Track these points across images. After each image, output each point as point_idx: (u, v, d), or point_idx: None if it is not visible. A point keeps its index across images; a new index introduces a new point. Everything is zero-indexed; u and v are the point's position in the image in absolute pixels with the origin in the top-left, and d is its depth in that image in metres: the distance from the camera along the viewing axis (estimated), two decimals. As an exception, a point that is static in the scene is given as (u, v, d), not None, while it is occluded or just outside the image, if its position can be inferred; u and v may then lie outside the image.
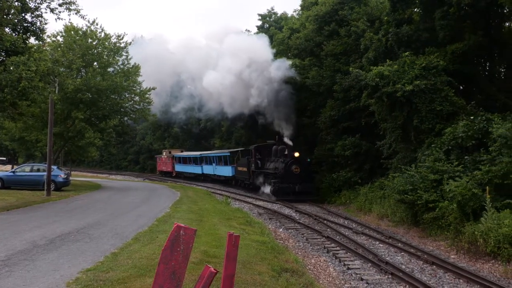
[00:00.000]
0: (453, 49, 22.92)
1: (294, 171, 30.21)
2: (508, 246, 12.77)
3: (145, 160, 75.16)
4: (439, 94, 21.53)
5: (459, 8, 22.35)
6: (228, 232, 6.01)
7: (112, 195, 26.23)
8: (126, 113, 34.91)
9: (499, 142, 16.25)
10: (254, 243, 12.37)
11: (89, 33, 31.68)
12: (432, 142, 20.71)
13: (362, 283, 11.19)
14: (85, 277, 7.80)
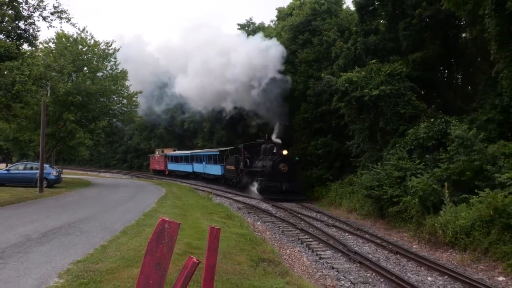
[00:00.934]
0: (415, 57, 23.26)
1: (281, 169, 27.75)
2: (464, 236, 12.98)
3: (132, 159, 74.77)
4: (402, 98, 21.81)
5: (420, 20, 22.69)
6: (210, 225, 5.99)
7: (101, 192, 25.94)
8: (115, 115, 34.63)
9: (457, 142, 16.50)
10: (234, 235, 12.38)
11: (80, 40, 31.37)
12: (396, 142, 20.94)
13: (333, 271, 11.27)
14: (76, 268, 7.72)
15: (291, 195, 27.22)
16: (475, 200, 13.48)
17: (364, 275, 10.87)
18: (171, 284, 4.61)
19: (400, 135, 21.22)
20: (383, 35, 26.12)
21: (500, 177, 13.43)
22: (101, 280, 6.94)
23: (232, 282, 7.35)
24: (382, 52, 25.48)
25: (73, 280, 6.92)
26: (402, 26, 23.64)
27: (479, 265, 11.82)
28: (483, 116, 18.35)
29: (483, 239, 12.35)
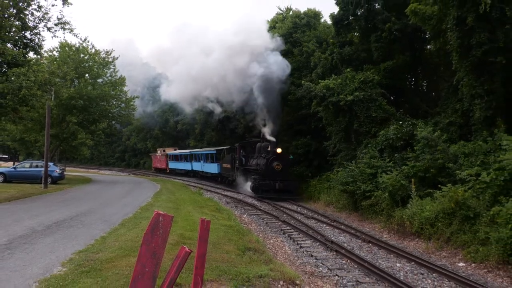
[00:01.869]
0: (385, 66, 23.43)
1: (275, 167, 25.08)
2: (429, 227, 13.11)
3: (130, 158, 74.31)
4: (374, 103, 21.98)
5: (390, 33, 22.87)
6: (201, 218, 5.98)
7: (101, 188, 25.72)
8: (114, 117, 34.44)
9: (422, 142, 16.66)
10: (223, 227, 12.35)
11: (81, 49, 31.26)
12: (369, 142, 21.09)
13: (312, 258, 11.31)
14: (78, 257, 7.66)
15: (284, 194, 24.95)
16: (439, 195, 13.60)
17: (340, 262, 10.92)
18: (166, 271, 4.59)
19: (372, 136, 21.38)
20: (357, 46, 26.32)
21: (461, 173, 13.59)
22: (101, 268, 6.89)
23: (221, 269, 7.34)
24: (356, 61, 25.66)
25: (75, 269, 6.86)
26: (373, 38, 23.82)
27: (442, 253, 11.96)
28: (446, 119, 18.54)
29: (446, 229, 12.49)
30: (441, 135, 16.51)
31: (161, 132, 63.64)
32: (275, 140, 26.56)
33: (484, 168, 13.19)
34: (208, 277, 6.61)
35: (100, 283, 6.08)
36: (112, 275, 6.50)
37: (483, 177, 12.44)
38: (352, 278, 9.41)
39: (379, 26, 23.42)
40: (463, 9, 15.60)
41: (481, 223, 11.45)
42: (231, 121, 39.84)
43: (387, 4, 24.21)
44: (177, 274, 4.43)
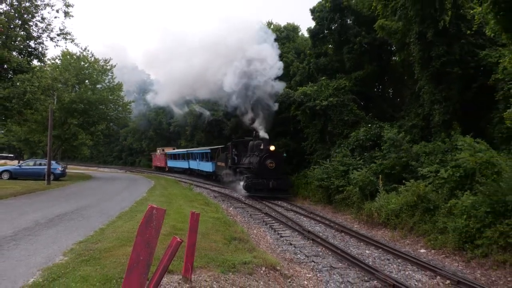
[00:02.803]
0: (356, 75, 23.66)
1: (268, 166, 22.31)
2: (394, 218, 13.22)
3: (127, 157, 73.48)
4: (346, 108, 22.18)
5: (360, 46, 23.13)
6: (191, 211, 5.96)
7: (100, 184, 25.34)
8: (111, 120, 34.06)
9: (388, 143, 16.83)
10: (211, 219, 12.28)
11: (82, 57, 30.88)
12: (341, 143, 21.25)
13: (291, 247, 11.32)
14: (78, 247, 7.54)
15: (278, 193, 22.24)
16: (403, 189, 13.71)
17: (316, 249, 10.96)
18: (159, 259, 4.55)
19: (344, 137, 21.56)
20: (331, 57, 26.52)
21: (422, 170, 13.79)
22: (99, 257, 6.79)
23: (209, 257, 7.30)
24: (330, 70, 25.86)
25: (75, 258, 6.75)
26: (346, 50, 24.06)
27: (406, 240, 12.08)
28: (409, 122, 18.78)
29: (409, 220, 12.60)
30: (405, 136, 16.74)
31: (155, 133, 63.10)
32: (268, 138, 23.89)
33: (442, 165, 13.42)
34: (197, 264, 6.58)
35: (99, 270, 5.99)
36: (110, 263, 6.41)
37: (442, 173, 12.65)
38: (327, 264, 9.45)
39: (351, 39, 23.67)
40: (424, 25, 15.84)
41: (439, 214, 11.60)
42: (218, 124, 39.70)
43: (358, 19, 24.47)
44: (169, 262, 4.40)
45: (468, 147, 12.20)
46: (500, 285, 8.17)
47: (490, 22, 9.77)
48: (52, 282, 5.46)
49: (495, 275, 8.66)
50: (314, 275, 8.69)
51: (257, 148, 24.16)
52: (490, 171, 11.10)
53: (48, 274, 5.81)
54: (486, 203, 9.76)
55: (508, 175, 9.75)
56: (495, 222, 9.40)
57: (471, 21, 14.40)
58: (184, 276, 5.80)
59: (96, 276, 5.67)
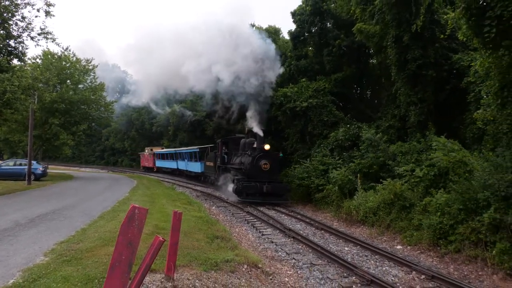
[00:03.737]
0: (335, 77, 23.87)
1: (262, 167, 19.06)
2: (372, 215, 13.38)
3: (109, 157, 72.31)
4: (325, 109, 22.34)
5: (339, 48, 23.36)
6: (174, 210, 5.91)
7: (82, 184, 24.86)
8: (94, 120, 33.47)
9: (366, 143, 17.04)
10: (193, 218, 12.20)
11: (63, 57, 30.20)
12: (321, 143, 21.40)
13: (272, 244, 11.33)
14: (60, 247, 7.37)
15: (273, 198, 18.87)
16: (380, 188, 13.85)
17: (296, 247, 11.00)
18: (141, 258, 4.49)
19: (324, 137, 21.70)
20: (311, 59, 26.68)
21: (398, 169, 13.98)
22: (81, 257, 6.66)
23: (192, 256, 7.25)
24: (311, 72, 25.99)
25: (57, 258, 6.60)
26: (325, 53, 24.25)
27: (383, 237, 12.24)
28: (386, 123, 19.05)
29: (386, 217, 12.75)
30: (382, 137, 16.98)
31: (137, 133, 62.29)
32: (262, 135, 20.55)
33: (417, 165, 13.60)
34: (180, 262, 6.52)
35: (81, 270, 5.88)
36: (92, 263, 6.30)
37: (417, 172, 12.86)
38: (307, 261, 9.50)
39: (330, 42, 23.88)
40: (400, 29, 16.11)
41: (415, 212, 11.79)
42: (200, 124, 39.49)
43: (337, 23, 24.70)
44: (152, 261, 4.35)
45: (442, 147, 12.46)
46: (471, 279, 8.38)
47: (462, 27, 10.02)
48: (32, 282, 5.33)
49: (467, 269, 8.88)
50: (295, 272, 8.73)
51: (249, 146, 21.14)
52: (462, 170, 11.36)
53: (28, 275, 5.66)
54: (458, 200, 9.97)
55: (479, 174, 9.99)
56: (467, 219, 9.62)
57: (444, 26, 14.71)
58: (166, 275, 5.75)
59: (78, 276, 5.56)
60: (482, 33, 8.67)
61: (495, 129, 11.45)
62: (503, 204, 8.78)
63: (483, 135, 13.44)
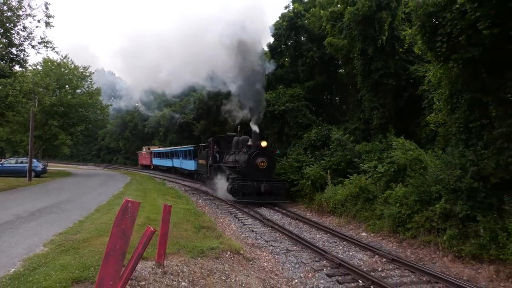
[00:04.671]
0: (308, 84, 24.05)
1: (259, 165, 16.52)
2: (340, 207, 13.47)
3: (105, 155, 70.80)
4: (300, 113, 22.47)
5: (312, 59, 23.55)
6: (164, 203, 5.83)
7: (79, 180, 24.27)
8: (90, 121, 32.71)
9: (335, 143, 17.20)
10: (182, 210, 12.09)
11: (62, 64, 29.45)
12: (296, 142, 21.50)
13: (253, 233, 11.32)
14: (58, 238, 7.17)
15: (271, 198, 16.35)
16: (347, 182, 13.95)
17: (274, 235, 11.01)
18: (134, 247, 4.42)
19: (298, 138, 21.81)
20: (287, 68, 26.82)
21: (363, 166, 14.17)
22: (78, 247, 6.50)
23: (180, 244, 7.18)
24: (287, 80, 26.12)
25: (55, 248, 6.42)
26: (300, 63, 24.44)
27: (350, 226, 12.36)
28: (352, 125, 19.29)
29: (352, 208, 12.87)
30: (349, 137, 17.18)
31: (131, 134, 61.29)
32: (258, 132, 17.83)
33: (380, 162, 13.78)
34: (169, 251, 6.45)
35: (78, 259, 5.73)
36: (88, 252, 6.16)
37: (379, 169, 13.06)
38: (284, 247, 9.54)
39: (304, 54, 24.08)
40: (365, 42, 16.36)
41: (377, 203, 11.95)
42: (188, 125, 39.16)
43: (310, 37, 24.89)
44: (144, 250, 4.29)
45: (400, 147, 12.71)
46: (426, 261, 8.58)
47: (418, 42, 10.23)
48: (32, 271, 5.17)
49: (422, 253, 9.08)
50: (273, 257, 8.75)
51: (243, 144, 18.71)
52: (418, 166, 11.60)
53: (28, 264, 5.49)
54: (414, 193, 10.17)
55: (432, 170, 10.22)
56: (422, 209, 9.83)
57: (403, 40, 15.01)
58: (157, 262, 5.67)
59: (75, 265, 5.42)
60: (435, 47, 8.88)
61: (445, 131, 11.73)
62: (452, 196, 9.02)
63: (435, 136, 13.75)
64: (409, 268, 7.76)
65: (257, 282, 6.36)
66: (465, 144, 9.75)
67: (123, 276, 3.80)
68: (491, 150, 8.55)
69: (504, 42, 7.75)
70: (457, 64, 8.95)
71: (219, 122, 33.71)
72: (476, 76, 9.08)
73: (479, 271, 7.60)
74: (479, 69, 8.89)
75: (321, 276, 7.44)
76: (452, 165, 9.41)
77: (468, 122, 9.58)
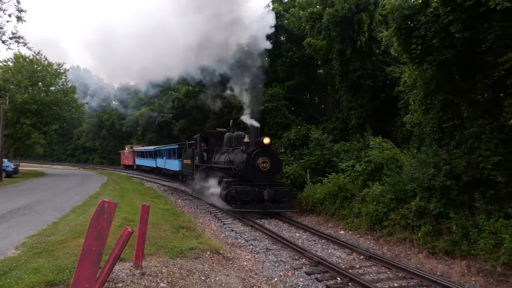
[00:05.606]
0: (288, 84, 24.14)
1: (261, 166, 13.58)
2: (319, 205, 13.60)
3: (80, 155, 69.05)
4: (280, 112, 22.56)
5: (291, 59, 23.67)
6: (142, 203, 5.73)
7: (53, 180, 23.52)
8: (65, 120, 31.71)
9: (314, 142, 17.34)
10: (161, 210, 11.91)
11: (35, 60, 28.31)
12: (276, 142, 21.57)
13: (233, 233, 11.29)
14: (31, 241, 6.93)
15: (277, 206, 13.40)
16: (326, 181, 14.04)
17: (254, 234, 11.02)
18: (111, 248, 4.33)
19: (278, 137, 21.85)
20: (267, 68, 26.85)
21: (341, 165, 14.36)
22: (52, 249, 6.31)
23: (159, 245, 7.08)
24: (266, 80, 26.16)
25: (28, 251, 6.20)
26: (279, 63, 24.52)
27: (329, 224, 12.51)
28: (331, 125, 19.52)
29: (331, 207, 13.00)
30: (328, 137, 17.36)
31: (108, 133, 59.99)
32: (257, 126, 14.85)
33: (357, 161, 13.97)
34: (148, 251, 6.35)
35: (52, 261, 5.56)
36: (63, 254, 5.98)
37: (357, 167, 13.26)
38: (264, 246, 9.56)
39: (284, 54, 24.17)
40: (343, 44, 16.60)
41: (355, 201, 12.13)
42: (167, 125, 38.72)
43: (290, 37, 25.04)
44: (121, 251, 4.20)
45: (377, 146, 12.96)
46: (401, 257, 8.80)
47: (394, 44, 10.48)
48: (3, 275, 4.97)
49: (397, 249, 9.31)
50: (253, 256, 8.76)
51: (237, 141, 16.02)
52: (394, 165, 11.84)
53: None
54: (391, 191, 10.40)
55: (407, 169, 10.47)
56: (398, 206, 10.06)
57: (380, 42, 15.32)
58: (135, 263, 5.58)
59: (49, 267, 5.26)
60: (410, 49, 9.12)
61: (420, 130, 12.05)
62: (426, 194, 9.27)
63: (410, 135, 14.06)
64: (386, 265, 7.93)
65: (237, 281, 6.35)
66: (439, 143, 10.04)
67: (99, 278, 3.72)
68: (463, 149, 8.85)
69: (475, 45, 8.04)
70: (431, 66, 9.21)
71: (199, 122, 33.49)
72: (449, 78, 9.38)
73: (452, 266, 7.86)
74: (451, 71, 9.19)
75: (301, 274, 7.50)
76: (426, 164, 9.67)
77: (441, 122, 9.87)
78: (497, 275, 7.02)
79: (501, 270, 6.98)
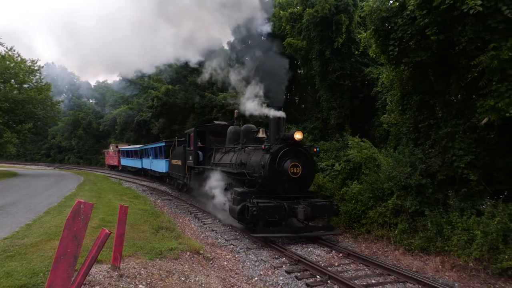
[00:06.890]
0: (269, 84, 24.20)
1: (290, 172, 9.65)
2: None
3: (55, 154, 67.05)
4: (260, 112, 22.57)
5: (272, 59, 23.66)
6: (120, 204, 5.62)
7: (27, 180, 22.72)
8: (40, 119, 30.64)
9: (295, 141, 17.46)
10: (139, 210, 11.72)
11: (7, 56, 27.24)
12: (256, 141, 21.57)
13: (213, 233, 11.25)
14: (3, 243, 6.65)
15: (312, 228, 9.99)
16: (306, 180, 14.23)
17: (234, 234, 11.01)
18: (88, 251, 4.22)
19: (259, 137, 21.91)
20: (248, 68, 26.88)
21: (321, 164, 14.55)
22: (26, 252, 6.10)
23: (137, 246, 6.97)
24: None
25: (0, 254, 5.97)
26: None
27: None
28: (311, 124, 19.73)
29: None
30: (308, 136, 17.55)
31: (84, 131, 58.53)
32: (281, 117, 11.19)
33: (336, 160, 14.16)
34: (126, 253, 6.24)
35: (25, 265, 5.38)
36: (37, 257, 5.80)
37: (336, 167, 13.43)
38: (244, 246, 9.56)
39: (270, 51, 24.20)
40: (323, 44, 16.79)
41: (334, 200, 12.25)
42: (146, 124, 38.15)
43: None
44: (98, 252, 4.11)
45: (356, 145, 13.18)
46: (379, 254, 8.99)
47: (372, 46, 10.68)
48: (-27, 280, 4.78)
49: (375, 247, 9.50)
50: (233, 256, 8.75)
51: (247, 136, 12.59)
52: (372, 164, 12.07)
53: (-32, 272, 5.06)
54: (369, 190, 10.61)
55: (385, 168, 10.70)
56: (376, 205, 10.28)
57: (359, 43, 15.59)
58: (113, 265, 5.47)
59: (22, 271, 5.08)
60: (387, 51, 9.31)
61: (397, 130, 12.31)
62: (403, 192, 9.51)
63: (387, 135, 14.39)
64: (364, 262, 8.08)
65: (217, 281, 6.33)
66: (415, 143, 10.30)
67: (75, 281, 3.63)
68: (438, 149, 9.11)
69: (449, 48, 8.30)
70: (407, 67, 9.44)
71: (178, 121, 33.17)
72: (424, 79, 9.63)
73: (427, 262, 8.09)
74: (427, 73, 9.44)
75: (281, 273, 7.54)
76: (403, 163, 9.92)
77: (417, 123, 10.13)
78: (470, 270, 7.28)
79: (473, 265, 7.23)
